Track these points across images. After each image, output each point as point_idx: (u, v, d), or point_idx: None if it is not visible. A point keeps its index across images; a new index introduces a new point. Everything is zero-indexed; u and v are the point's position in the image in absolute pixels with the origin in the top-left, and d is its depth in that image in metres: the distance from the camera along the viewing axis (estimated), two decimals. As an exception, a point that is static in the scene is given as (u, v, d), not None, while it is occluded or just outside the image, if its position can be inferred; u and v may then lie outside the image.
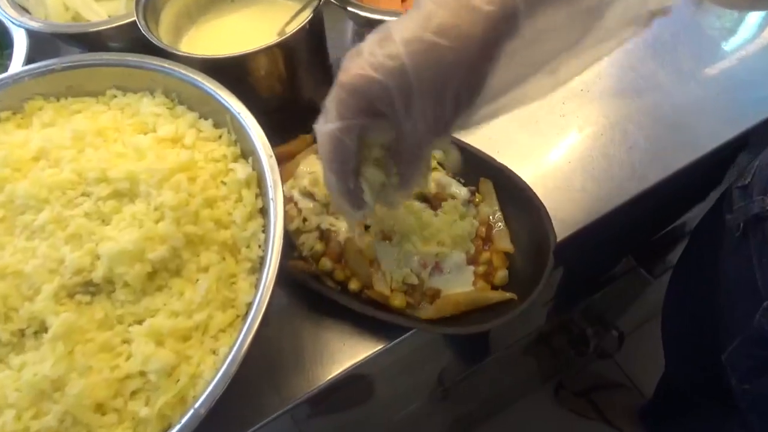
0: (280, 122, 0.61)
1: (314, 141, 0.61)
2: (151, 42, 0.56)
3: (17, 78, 0.55)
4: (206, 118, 0.53)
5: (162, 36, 0.61)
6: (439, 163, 0.59)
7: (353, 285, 0.52)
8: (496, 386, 1.25)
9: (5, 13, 0.65)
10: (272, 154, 0.47)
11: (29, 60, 0.64)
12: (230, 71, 0.57)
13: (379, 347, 0.52)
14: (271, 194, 0.45)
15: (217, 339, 0.42)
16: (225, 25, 0.66)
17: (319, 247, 0.53)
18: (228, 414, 0.48)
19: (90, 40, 0.68)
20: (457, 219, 0.54)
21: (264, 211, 0.47)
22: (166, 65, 0.53)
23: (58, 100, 0.55)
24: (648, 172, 0.58)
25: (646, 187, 0.57)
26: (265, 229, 0.45)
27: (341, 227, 0.53)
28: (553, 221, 0.52)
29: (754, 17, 0.69)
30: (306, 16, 0.56)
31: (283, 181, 0.58)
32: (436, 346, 0.75)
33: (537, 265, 0.51)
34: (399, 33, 0.34)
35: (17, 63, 0.62)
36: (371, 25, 0.67)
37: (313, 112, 0.40)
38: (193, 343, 0.42)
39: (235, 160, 0.50)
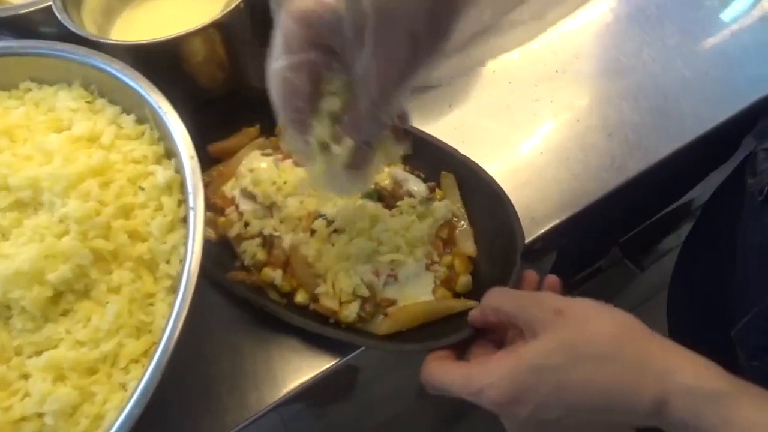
0: (228, 114, 0.56)
1: (258, 135, 0.55)
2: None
3: None
4: (128, 113, 0.47)
5: (89, 19, 0.55)
6: None
7: (300, 297, 0.46)
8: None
9: None
10: (194, 154, 0.41)
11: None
12: (163, 58, 0.51)
13: (331, 364, 0.46)
14: (191, 202, 0.39)
15: (127, 371, 0.37)
16: (163, 4, 0.60)
17: (261, 255, 0.47)
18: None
19: (18, 26, 0.61)
20: (414, 220, 0.48)
21: (187, 221, 0.41)
22: (82, 53, 0.47)
23: (-33, 95, 0.49)
24: (628, 161, 0.52)
25: (627, 178, 0.51)
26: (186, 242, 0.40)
27: (286, 233, 0.48)
28: (523, 219, 0.46)
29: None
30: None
31: (224, 180, 0.53)
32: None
33: (504, 269, 0.46)
34: None
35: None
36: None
37: (263, 102, 0.37)
38: (99, 378, 0.36)
39: (157, 161, 0.44)
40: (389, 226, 0.47)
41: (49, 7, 0.55)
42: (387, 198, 0.50)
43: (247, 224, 0.49)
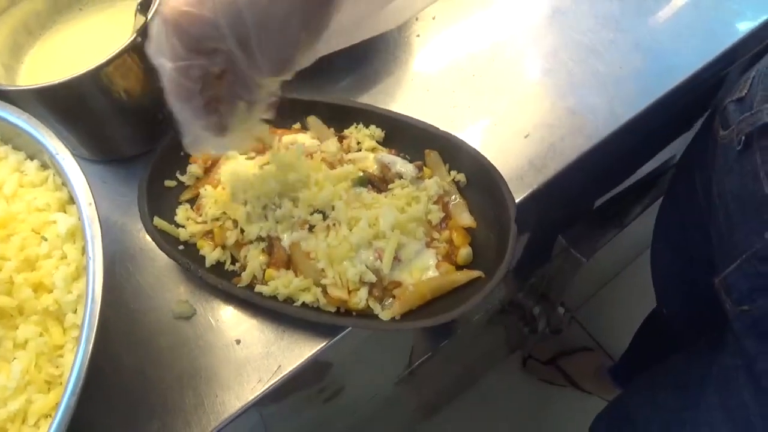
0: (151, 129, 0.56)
1: None
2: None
3: None
4: (32, 159, 0.46)
5: (-6, 59, 0.54)
6: (378, 143, 0.53)
7: (309, 296, 0.46)
8: (463, 360, 1.23)
9: None
10: (92, 201, 0.40)
11: None
12: (75, 95, 0.50)
13: (316, 349, 0.48)
14: (90, 251, 0.39)
15: (38, 427, 0.37)
16: (75, 36, 0.59)
17: (263, 258, 0.48)
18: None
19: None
20: (409, 200, 0.48)
21: (92, 267, 0.41)
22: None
23: None
24: (548, 162, 0.52)
25: (546, 179, 0.52)
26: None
27: (283, 232, 0.48)
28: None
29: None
30: (136, 26, 0.49)
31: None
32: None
33: (500, 235, 0.47)
34: None
35: None
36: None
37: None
38: (8, 437, 0.36)
39: (61, 207, 0.44)
40: (385, 211, 0.47)
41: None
42: (378, 182, 0.50)
43: (242, 230, 0.49)
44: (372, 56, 0.62)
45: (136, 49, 0.50)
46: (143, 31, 0.49)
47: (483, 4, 0.63)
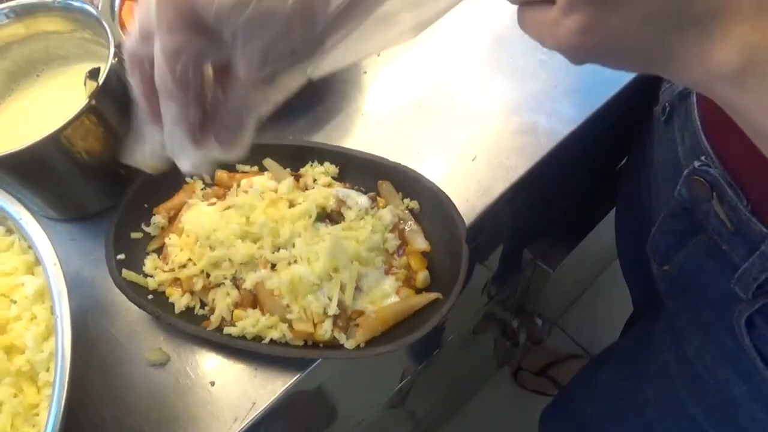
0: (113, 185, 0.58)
1: (206, 185, 0.57)
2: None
3: None
4: (-2, 225, 0.48)
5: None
6: (333, 178, 0.56)
7: (276, 333, 0.48)
8: (453, 378, 1.23)
9: None
10: (56, 261, 0.42)
11: None
12: (36, 160, 0.52)
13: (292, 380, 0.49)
14: (57, 310, 0.40)
15: (17, 486, 0.38)
16: (33, 103, 0.61)
17: (230, 300, 0.49)
18: None
19: None
20: (366, 230, 0.50)
21: (62, 325, 0.42)
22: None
23: None
24: (494, 183, 0.55)
25: (493, 199, 0.54)
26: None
27: (247, 273, 0.49)
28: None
29: None
30: (89, 91, 0.51)
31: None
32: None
33: (453, 257, 0.49)
34: None
35: None
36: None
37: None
38: (-12, 499, 0.37)
39: (28, 269, 0.45)
40: (344, 244, 0.49)
41: None
42: (334, 216, 0.53)
43: (208, 275, 0.50)
44: (324, 95, 0.65)
45: (93, 111, 0.52)
46: (96, 95, 0.51)
47: (423, 39, 0.66)
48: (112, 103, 0.54)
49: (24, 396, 0.41)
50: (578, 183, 0.80)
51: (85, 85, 0.52)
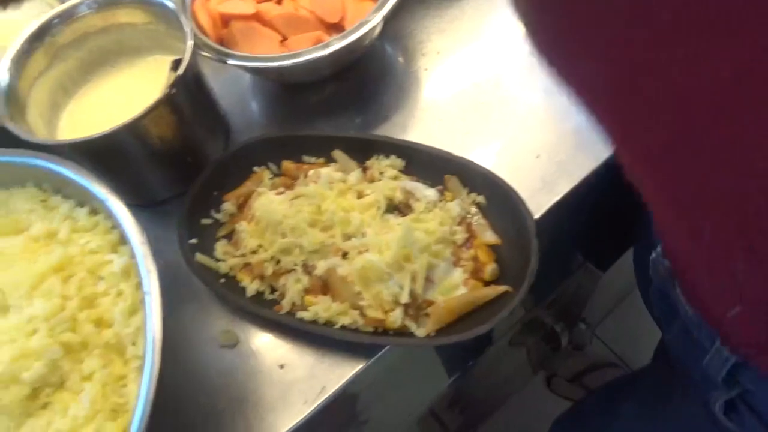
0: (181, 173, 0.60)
1: (274, 175, 0.59)
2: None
3: None
4: (82, 206, 0.49)
5: (35, 117, 0.58)
6: (399, 171, 0.57)
7: (348, 319, 0.49)
8: (487, 384, 1.23)
9: None
10: (144, 240, 0.44)
11: None
12: (112, 146, 0.54)
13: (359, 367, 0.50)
14: (146, 286, 0.42)
15: (108, 453, 0.40)
16: (108, 92, 0.63)
17: (300, 285, 0.50)
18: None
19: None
20: (435, 224, 0.51)
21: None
22: (29, 156, 0.50)
23: (-70, 208, 0.52)
24: (558, 180, 0.56)
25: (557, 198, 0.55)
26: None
27: (318, 260, 0.51)
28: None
29: None
30: (167, 82, 0.53)
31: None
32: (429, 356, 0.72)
33: (523, 250, 0.50)
34: None
35: None
36: (260, 72, 0.65)
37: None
38: (82, 464, 0.39)
39: (113, 249, 0.47)
40: (414, 235, 0.50)
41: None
42: (401, 208, 0.53)
43: (278, 261, 0.52)
44: (384, 91, 0.66)
45: (170, 100, 0.54)
46: (175, 84, 0.53)
47: (483, 36, 0.67)
48: (187, 93, 0.56)
49: (112, 367, 0.42)
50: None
51: (168, 73, 0.54)
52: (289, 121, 0.67)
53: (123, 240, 0.47)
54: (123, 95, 0.63)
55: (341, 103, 0.67)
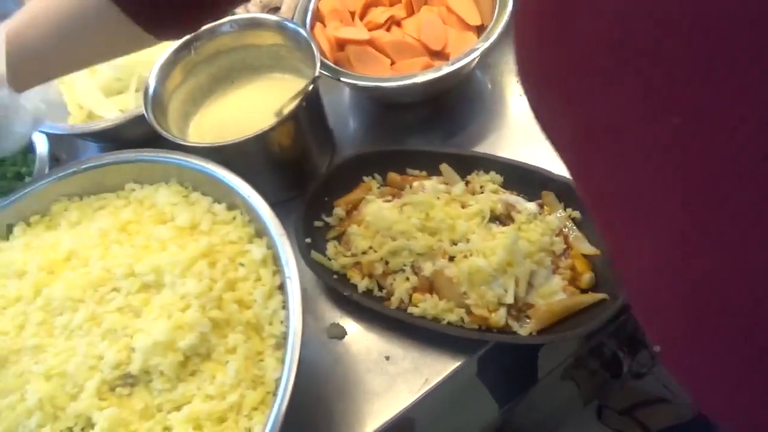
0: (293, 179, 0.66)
1: (382, 184, 0.64)
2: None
3: (43, 184, 0.59)
4: (219, 202, 0.56)
5: (170, 124, 0.65)
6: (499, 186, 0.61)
7: (453, 316, 0.53)
8: (538, 416, 1.24)
9: (26, 121, 0.69)
10: (283, 232, 0.49)
11: (52, 158, 0.69)
12: (240, 151, 0.60)
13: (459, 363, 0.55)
14: (287, 272, 0.47)
15: (250, 418, 0.45)
16: (228, 105, 0.70)
17: (407, 284, 0.56)
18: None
19: (108, 136, 0.72)
20: (538, 233, 0.55)
21: (282, 287, 0.49)
22: (178, 157, 0.56)
23: (81, 198, 0.59)
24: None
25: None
26: (285, 305, 0.48)
27: (425, 262, 0.56)
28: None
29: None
30: (301, 95, 0.59)
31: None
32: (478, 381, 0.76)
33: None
34: None
35: (42, 168, 0.67)
36: (367, 91, 0.71)
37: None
38: (228, 425, 0.44)
39: (249, 240, 0.53)
40: (519, 243, 0.54)
41: (134, 117, 0.66)
42: (502, 219, 0.58)
43: (387, 262, 0.57)
44: (472, 114, 0.71)
45: (295, 114, 0.60)
46: (306, 98, 0.59)
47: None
48: (308, 108, 0.63)
49: (252, 344, 0.47)
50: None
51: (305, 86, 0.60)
52: (385, 137, 0.73)
53: (259, 233, 0.53)
54: (242, 109, 0.70)
55: (433, 122, 0.72)
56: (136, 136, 0.71)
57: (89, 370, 0.46)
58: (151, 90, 0.63)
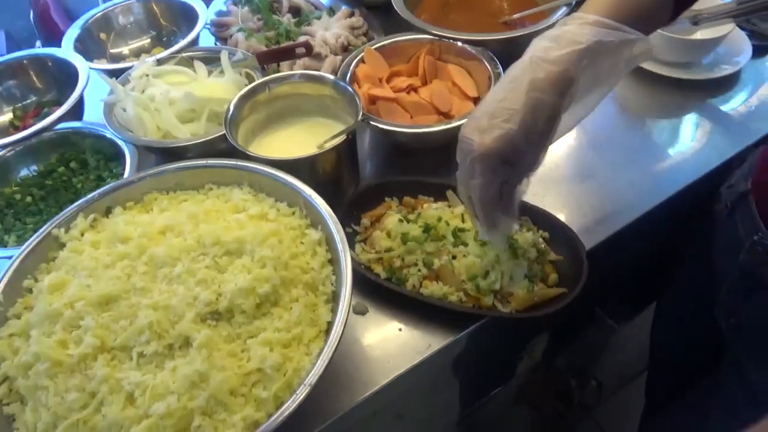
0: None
1: (398, 205, 0.83)
2: (232, 147, 0.78)
3: (139, 178, 0.76)
4: (281, 201, 0.73)
5: (242, 141, 0.83)
6: None
7: (454, 297, 0.71)
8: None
9: (118, 134, 0.87)
10: (338, 222, 0.67)
11: (135, 166, 0.86)
12: (294, 168, 0.78)
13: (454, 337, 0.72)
14: (340, 247, 0.65)
15: (308, 346, 0.61)
16: (280, 137, 0.89)
17: (420, 274, 0.73)
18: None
19: (177, 153, 0.90)
20: (520, 244, 0.74)
21: (332, 261, 0.67)
22: (251, 165, 0.75)
23: (167, 193, 0.76)
24: (600, 229, 0.80)
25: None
26: (335, 272, 0.65)
27: (432, 259, 0.74)
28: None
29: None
30: (346, 131, 0.79)
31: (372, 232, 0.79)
32: (454, 368, 0.91)
33: (575, 268, 0.73)
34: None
35: (131, 169, 0.84)
36: (392, 135, 0.91)
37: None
38: (293, 349, 0.60)
39: (307, 227, 0.70)
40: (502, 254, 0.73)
41: (202, 142, 0.85)
42: None
43: (403, 259, 0.75)
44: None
45: (338, 145, 0.79)
46: (349, 133, 0.79)
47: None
48: (348, 143, 0.82)
49: (309, 298, 0.64)
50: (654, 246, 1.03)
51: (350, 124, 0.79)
52: (397, 174, 0.92)
53: (314, 224, 0.71)
54: (289, 142, 0.89)
55: (436, 165, 0.92)
56: (194, 155, 0.88)
57: (187, 306, 0.61)
58: (229, 114, 0.82)
